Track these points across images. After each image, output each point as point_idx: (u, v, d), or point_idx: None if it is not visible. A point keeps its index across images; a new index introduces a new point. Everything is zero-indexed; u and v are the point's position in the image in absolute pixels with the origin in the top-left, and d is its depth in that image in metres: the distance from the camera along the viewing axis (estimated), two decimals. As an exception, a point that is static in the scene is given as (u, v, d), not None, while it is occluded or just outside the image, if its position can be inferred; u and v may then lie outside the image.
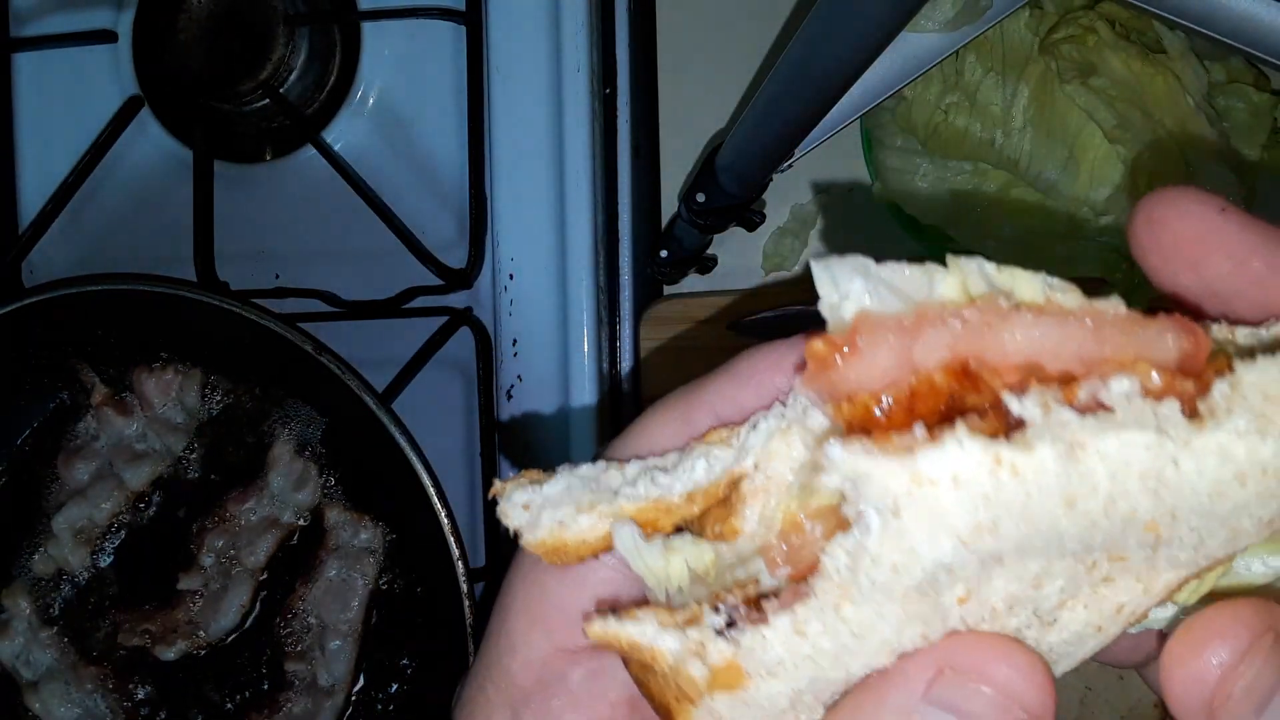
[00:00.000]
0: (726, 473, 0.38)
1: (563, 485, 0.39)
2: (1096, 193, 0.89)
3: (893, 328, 0.33)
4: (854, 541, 0.33)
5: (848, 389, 0.34)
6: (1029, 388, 0.32)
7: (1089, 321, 0.33)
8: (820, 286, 0.35)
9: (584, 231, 1.01)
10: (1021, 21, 0.89)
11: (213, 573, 1.02)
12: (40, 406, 1.08)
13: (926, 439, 0.31)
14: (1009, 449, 0.31)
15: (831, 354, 0.33)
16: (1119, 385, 0.32)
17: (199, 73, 1.02)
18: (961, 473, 0.31)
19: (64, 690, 1.02)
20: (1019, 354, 0.33)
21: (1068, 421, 0.31)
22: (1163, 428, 0.31)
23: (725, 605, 0.36)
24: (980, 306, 0.33)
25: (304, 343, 0.92)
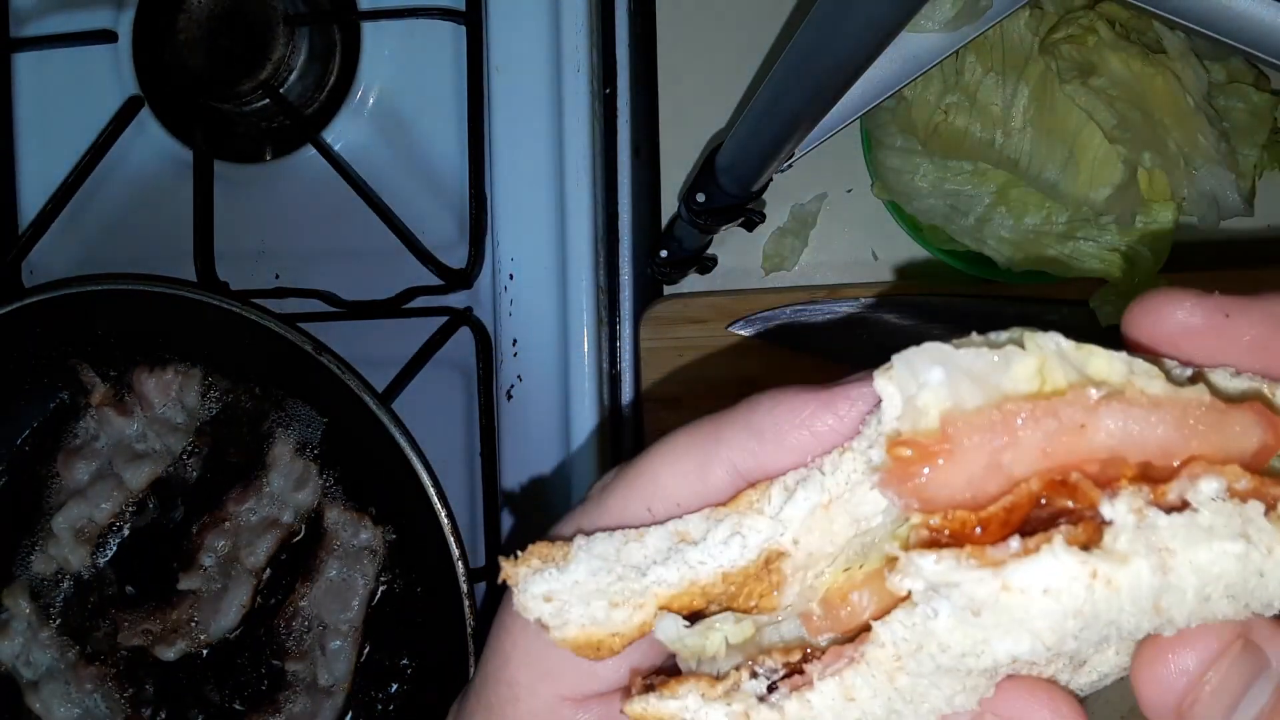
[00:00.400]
0: (762, 551, 0.36)
1: (585, 570, 0.37)
2: (1096, 193, 0.89)
3: (984, 426, 0.32)
4: (918, 624, 0.32)
5: (935, 495, 0.33)
6: (1119, 489, 0.32)
7: (1176, 413, 0.33)
8: (898, 378, 0.34)
9: (584, 231, 1.01)
10: (1021, 21, 0.89)
11: (213, 572, 1.02)
12: (40, 406, 1.08)
13: (1020, 553, 0.31)
14: (1105, 563, 0.31)
15: (920, 462, 0.32)
16: (1208, 487, 0.32)
17: (199, 73, 1.02)
18: (1054, 584, 0.31)
19: (64, 690, 1.02)
20: (1105, 448, 0.32)
21: (1159, 527, 0.31)
22: (1247, 533, 0.31)
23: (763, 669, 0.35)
24: (1069, 400, 0.32)
25: (304, 343, 0.92)
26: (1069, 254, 0.92)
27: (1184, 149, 0.88)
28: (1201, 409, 0.33)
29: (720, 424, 0.39)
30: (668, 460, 0.39)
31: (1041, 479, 0.32)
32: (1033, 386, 0.33)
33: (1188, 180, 0.89)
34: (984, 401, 0.33)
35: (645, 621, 0.36)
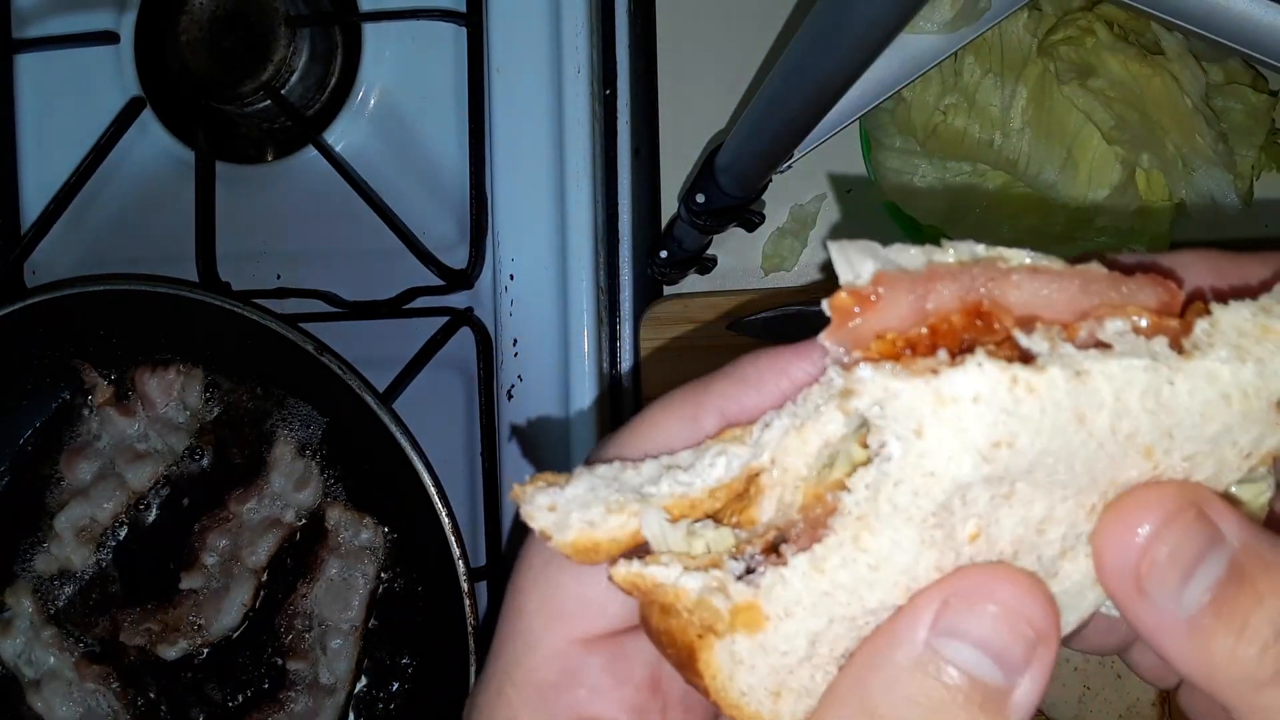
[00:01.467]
0: (745, 468, 0.39)
1: (585, 486, 0.40)
2: (1095, 193, 0.90)
3: (909, 280, 0.37)
4: (875, 472, 0.35)
5: (872, 333, 0.36)
6: (1034, 328, 0.36)
7: (1079, 278, 0.37)
8: (837, 266, 0.37)
9: (584, 231, 1.02)
10: (1020, 23, 0.90)
11: (214, 572, 1.02)
12: (43, 406, 1.08)
13: (949, 362, 0.34)
14: (1024, 370, 0.34)
15: (853, 304, 0.36)
16: (1113, 325, 0.36)
17: (201, 74, 1.02)
18: (982, 391, 0.34)
19: (66, 689, 1.03)
20: (1021, 305, 0.36)
21: (1073, 355, 0.35)
22: (1156, 356, 0.35)
23: (744, 555, 0.38)
24: (981, 265, 0.37)
25: (305, 343, 0.93)
26: (1067, 255, 0.93)
27: (1182, 150, 0.88)
28: (1103, 275, 0.37)
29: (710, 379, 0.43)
30: (663, 410, 0.43)
31: (961, 309, 0.36)
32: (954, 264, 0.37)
33: (1186, 181, 0.89)
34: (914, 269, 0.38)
35: (638, 531, 0.39)
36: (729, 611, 0.37)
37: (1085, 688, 0.94)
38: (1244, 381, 0.35)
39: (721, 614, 0.37)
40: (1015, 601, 0.36)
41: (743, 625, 0.37)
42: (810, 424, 0.38)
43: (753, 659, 0.37)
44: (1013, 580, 0.36)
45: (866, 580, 0.36)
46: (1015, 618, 0.36)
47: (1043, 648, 0.36)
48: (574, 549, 0.40)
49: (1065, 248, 0.93)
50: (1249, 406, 0.36)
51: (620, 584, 0.38)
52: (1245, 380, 0.35)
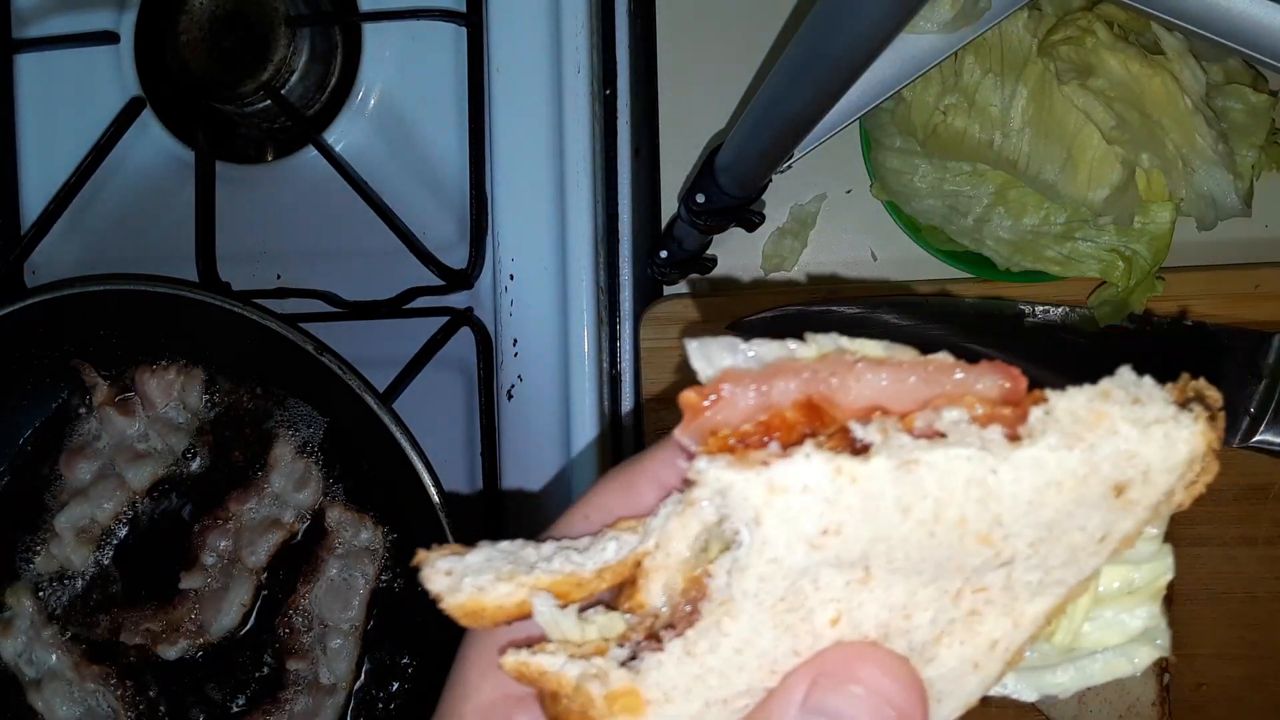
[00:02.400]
0: (632, 553, 0.40)
1: (483, 556, 0.42)
2: (1095, 193, 0.90)
3: (752, 377, 0.38)
4: (730, 558, 0.37)
5: (717, 428, 0.38)
6: (871, 419, 0.37)
7: (922, 369, 0.38)
8: (693, 362, 0.39)
9: (584, 231, 1.02)
10: (1020, 23, 0.90)
11: (214, 572, 1.02)
12: (43, 406, 1.08)
13: (780, 454, 0.36)
14: (849, 460, 0.35)
15: (700, 401, 0.38)
16: (950, 415, 0.36)
17: (201, 74, 1.02)
18: (809, 481, 0.35)
19: (66, 689, 1.03)
20: (863, 397, 0.38)
21: (904, 444, 0.36)
22: (985, 445, 0.36)
23: (629, 643, 0.39)
24: (827, 360, 0.38)
25: (305, 343, 0.93)
26: (1067, 254, 0.93)
27: (1182, 150, 0.88)
28: (948, 365, 0.38)
29: (649, 450, 0.46)
30: (607, 479, 0.46)
31: (796, 404, 0.38)
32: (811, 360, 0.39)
33: (1186, 181, 0.89)
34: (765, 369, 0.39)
35: (524, 601, 0.41)
36: (605, 698, 0.38)
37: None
38: (1070, 468, 0.36)
39: (596, 700, 0.38)
40: (877, 682, 0.37)
41: (622, 710, 0.38)
42: (689, 510, 0.39)
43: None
44: (876, 661, 0.37)
45: (734, 664, 0.37)
46: (878, 699, 0.37)
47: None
48: (462, 611, 0.42)
49: (1065, 247, 0.93)
50: (1082, 492, 0.36)
51: (509, 672, 0.40)
52: (1071, 466, 0.36)
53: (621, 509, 0.44)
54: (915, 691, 0.38)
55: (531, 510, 1.02)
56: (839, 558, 0.36)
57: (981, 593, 0.38)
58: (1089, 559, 0.38)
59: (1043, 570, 0.38)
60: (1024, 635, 0.39)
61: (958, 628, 0.38)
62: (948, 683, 0.39)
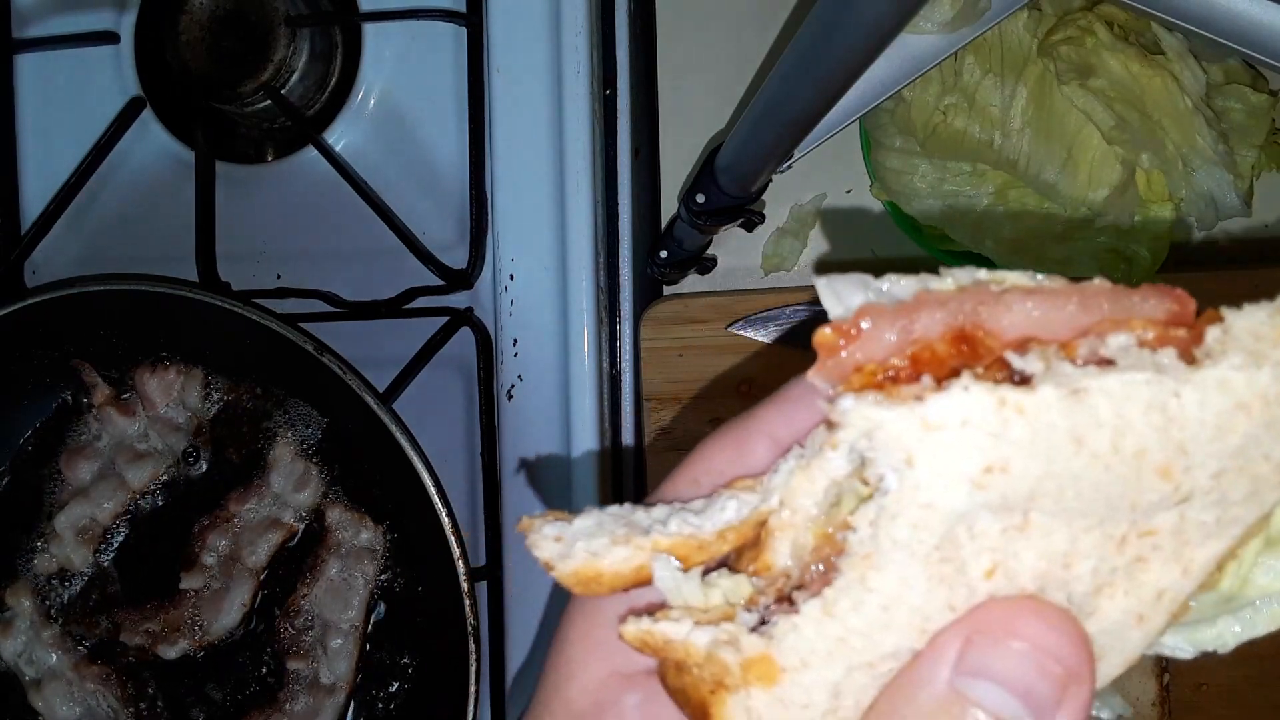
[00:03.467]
0: (754, 512, 0.38)
1: (593, 521, 0.39)
2: (1095, 194, 0.90)
3: (894, 311, 0.35)
4: (875, 507, 0.34)
5: (854, 366, 0.35)
6: (1030, 349, 0.34)
7: (1078, 295, 0.35)
8: (824, 301, 0.36)
9: (584, 231, 1.02)
10: (1020, 23, 0.90)
11: (214, 572, 1.02)
12: (42, 406, 1.08)
13: (934, 387, 0.33)
14: (1013, 391, 0.32)
15: (838, 339, 0.35)
16: (1116, 340, 0.33)
17: (201, 74, 1.02)
18: (969, 415, 0.32)
19: (66, 689, 1.03)
20: (1016, 327, 0.34)
21: (1069, 373, 0.33)
22: (1162, 369, 0.32)
23: (758, 607, 0.36)
24: (970, 291, 0.35)
25: (305, 343, 0.93)
26: (1067, 255, 0.93)
27: (1182, 150, 0.88)
28: (1105, 290, 0.35)
29: (756, 406, 0.43)
30: (714, 440, 0.43)
31: (945, 336, 0.34)
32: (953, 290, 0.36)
33: (1186, 181, 0.89)
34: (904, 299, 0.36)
35: (643, 565, 0.38)
36: (740, 665, 0.35)
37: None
38: (1262, 387, 0.33)
39: (731, 668, 0.35)
40: (1042, 637, 0.34)
41: (757, 679, 0.35)
42: (815, 462, 0.36)
43: (771, 713, 0.36)
44: (1039, 614, 0.34)
45: (880, 622, 0.34)
46: (1043, 654, 0.34)
47: (1075, 686, 0.34)
48: (576, 579, 0.39)
49: (1065, 247, 0.93)
50: (1272, 415, 0.33)
51: (631, 642, 0.37)
52: (1263, 385, 0.33)
53: (733, 470, 0.41)
54: (1083, 645, 0.34)
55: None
56: (1004, 499, 0.33)
57: (1149, 536, 0.35)
58: (1272, 492, 0.35)
59: (1221, 507, 0.34)
60: (1192, 583, 0.36)
61: (1120, 577, 0.35)
62: (1109, 638, 0.36)
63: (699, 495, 0.41)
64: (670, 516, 0.39)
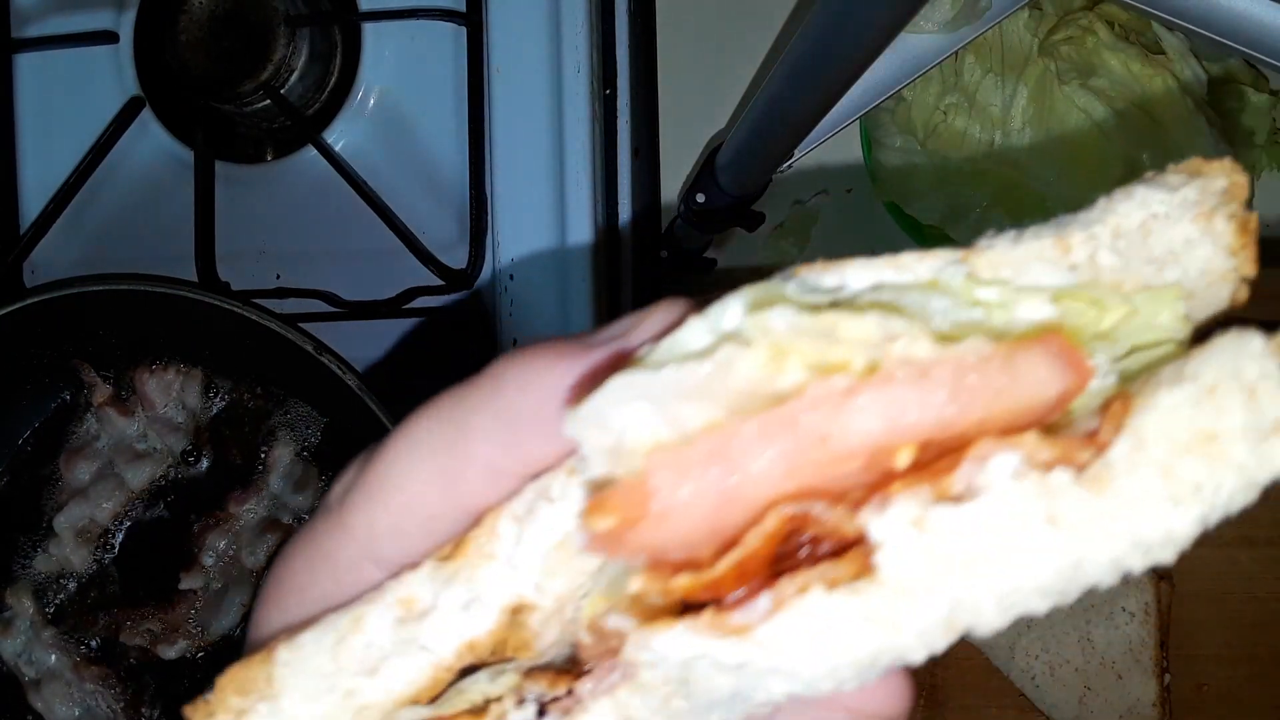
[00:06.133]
0: (503, 609, 0.29)
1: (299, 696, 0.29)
2: (1095, 193, 0.89)
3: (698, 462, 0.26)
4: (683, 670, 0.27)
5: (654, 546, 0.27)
6: (890, 495, 0.26)
7: (951, 380, 0.27)
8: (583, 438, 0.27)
9: (584, 231, 1.02)
10: (1020, 22, 0.90)
11: (214, 572, 1.02)
12: (42, 406, 1.08)
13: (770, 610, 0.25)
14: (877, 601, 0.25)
15: (619, 518, 0.26)
16: (1001, 464, 0.26)
17: (200, 73, 1.02)
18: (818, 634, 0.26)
19: (65, 689, 1.03)
20: (865, 445, 0.26)
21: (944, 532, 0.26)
22: (1053, 514, 0.26)
23: (531, 695, 0.29)
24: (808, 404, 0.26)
25: (305, 343, 0.93)
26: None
27: (1183, 149, 0.88)
28: (982, 362, 0.27)
29: (465, 408, 0.31)
30: (412, 462, 0.32)
31: (781, 518, 0.26)
32: (769, 375, 0.26)
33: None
34: (708, 419, 0.26)
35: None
36: None
37: (1086, 688, 0.94)
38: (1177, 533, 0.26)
39: None
40: None
41: None
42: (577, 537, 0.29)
43: None
44: None
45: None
46: None
47: None
48: None
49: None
50: None
51: None
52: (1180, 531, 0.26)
53: (446, 511, 0.31)
54: None
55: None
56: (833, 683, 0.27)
57: None
58: None
59: None
60: None
61: None
62: None
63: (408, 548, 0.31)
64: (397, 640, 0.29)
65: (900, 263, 0.28)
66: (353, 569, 0.31)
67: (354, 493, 0.32)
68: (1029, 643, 0.93)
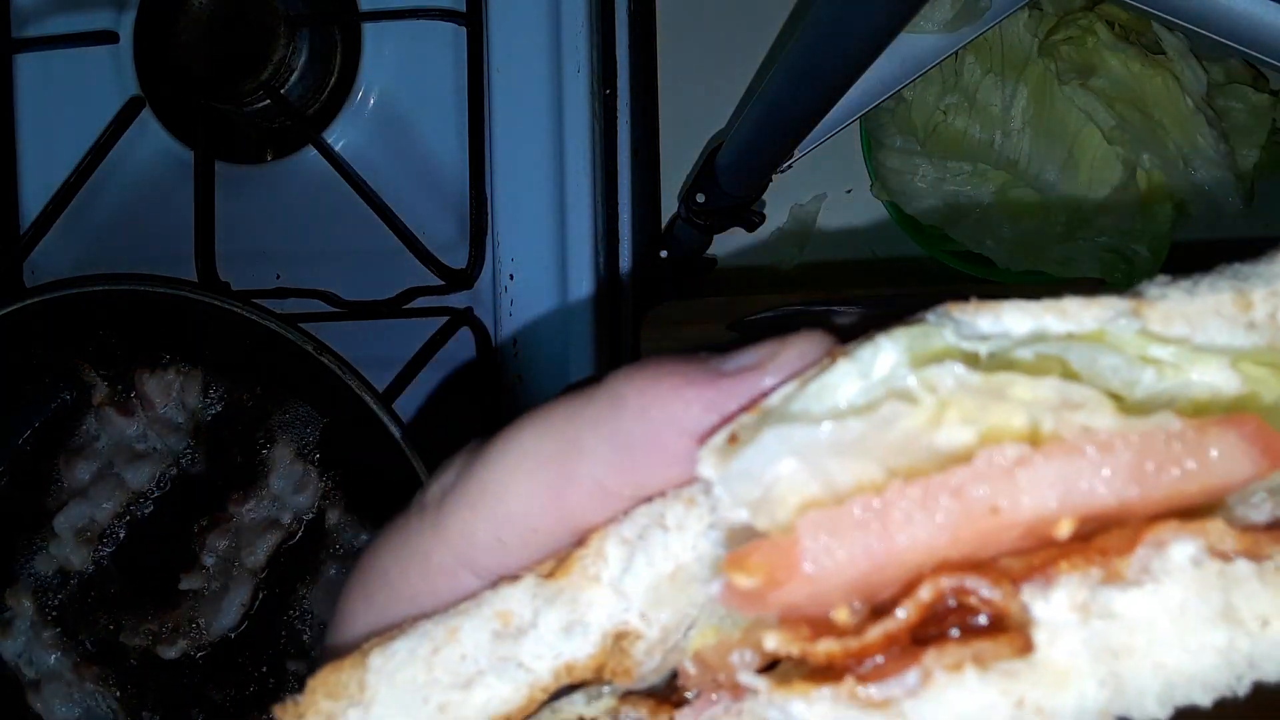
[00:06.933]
0: (605, 635, 0.28)
1: (392, 706, 0.28)
2: (1095, 193, 0.89)
3: (854, 526, 0.24)
4: None
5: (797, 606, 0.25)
6: (1055, 574, 0.24)
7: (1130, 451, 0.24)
8: (730, 492, 0.25)
9: (584, 231, 1.02)
10: (1020, 22, 0.90)
11: (214, 572, 1.02)
12: (42, 406, 1.08)
13: (917, 688, 0.24)
14: (1035, 687, 0.23)
15: (761, 580, 0.24)
16: (1181, 552, 0.24)
17: (200, 73, 1.02)
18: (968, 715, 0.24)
19: (65, 690, 1.03)
20: (1031, 514, 0.24)
21: (1113, 616, 0.23)
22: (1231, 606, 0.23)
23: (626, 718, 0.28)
24: (976, 471, 0.24)
25: (305, 343, 0.93)
26: (1067, 255, 0.93)
27: (1183, 150, 0.88)
28: (1168, 440, 0.24)
29: (579, 425, 0.30)
30: (517, 474, 0.31)
31: (937, 591, 0.24)
32: (928, 430, 0.25)
33: (1186, 181, 0.89)
34: (863, 477, 0.25)
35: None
36: None
37: None
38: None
39: None
40: None
41: None
42: (692, 569, 0.27)
43: None
44: None
45: None
46: None
47: None
48: None
49: (1065, 247, 0.93)
50: None
51: None
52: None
53: (547, 526, 0.30)
54: None
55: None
56: None
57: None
58: None
59: None
60: None
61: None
62: None
63: (505, 560, 0.30)
64: (494, 657, 0.28)
65: (1064, 309, 0.26)
66: (446, 573, 0.31)
67: (453, 496, 0.32)
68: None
